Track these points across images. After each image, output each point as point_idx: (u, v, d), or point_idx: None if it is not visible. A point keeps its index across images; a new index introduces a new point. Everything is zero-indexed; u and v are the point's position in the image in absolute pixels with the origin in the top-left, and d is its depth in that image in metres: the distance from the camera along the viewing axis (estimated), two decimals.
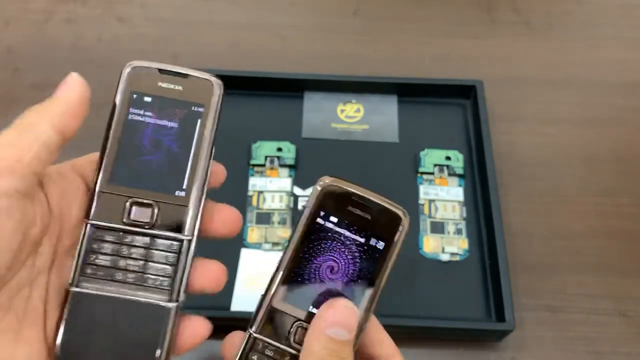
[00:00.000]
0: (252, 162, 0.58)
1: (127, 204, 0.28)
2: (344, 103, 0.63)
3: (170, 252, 0.29)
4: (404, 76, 0.64)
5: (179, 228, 0.29)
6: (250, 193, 0.56)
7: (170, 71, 0.30)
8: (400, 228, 0.30)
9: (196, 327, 0.30)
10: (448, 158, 0.59)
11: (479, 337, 0.50)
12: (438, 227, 0.55)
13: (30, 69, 0.66)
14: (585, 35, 0.71)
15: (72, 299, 0.28)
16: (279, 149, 0.58)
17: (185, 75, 0.30)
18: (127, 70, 0.30)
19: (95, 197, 0.29)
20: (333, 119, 0.62)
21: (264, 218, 0.55)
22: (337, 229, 0.29)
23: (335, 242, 0.29)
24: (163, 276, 0.28)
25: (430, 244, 0.54)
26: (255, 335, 0.28)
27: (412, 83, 0.62)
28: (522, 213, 0.57)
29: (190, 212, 0.29)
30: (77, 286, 0.28)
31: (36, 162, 0.26)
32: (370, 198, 0.29)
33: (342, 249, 0.29)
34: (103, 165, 0.29)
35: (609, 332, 0.51)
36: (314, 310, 0.28)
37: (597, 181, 0.60)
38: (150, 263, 0.28)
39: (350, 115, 0.62)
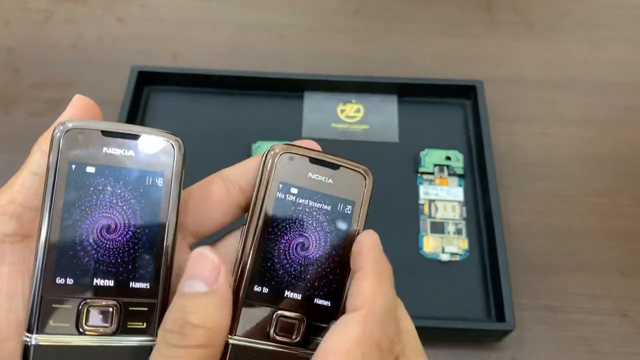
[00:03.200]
0: None
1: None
2: (344, 103, 0.63)
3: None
4: (404, 76, 0.64)
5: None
6: None
7: (117, 133, 0.25)
8: (365, 187, 0.27)
9: None
10: (448, 158, 0.59)
11: (479, 337, 0.50)
12: (438, 227, 0.55)
13: (30, 69, 0.66)
14: (585, 35, 0.71)
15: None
16: None
17: (136, 137, 0.25)
18: (62, 134, 0.24)
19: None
20: (333, 119, 0.62)
21: None
22: (301, 201, 0.26)
23: (301, 215, 0.26)
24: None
25: (430, 244, 0.54)
26: (233, 341, 0.25)
27: (412, 83, 0.62)
28: (522, 213, 0.57)
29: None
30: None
31: (33, 196, 0.25)
32: (330, 161, 0.27)
33: (310, 221, 0.26)
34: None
35: (609, 332, 0.51)
36: (292, 295, 0.26)
37: (597, 181, 0.60)
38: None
39: (350, 115, 0.62)
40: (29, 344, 0.23)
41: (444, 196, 0.57)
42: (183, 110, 0.62)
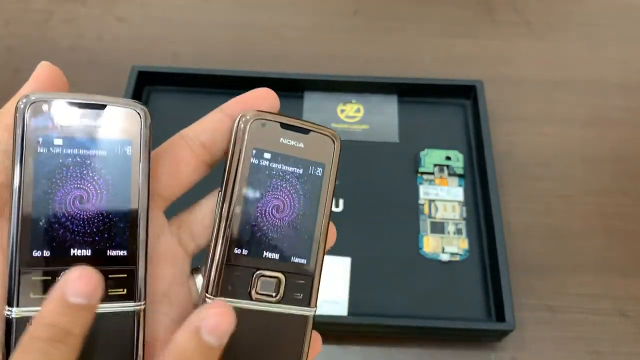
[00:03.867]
0: None
1: None
2: (344, 103, 0.63)
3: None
4: (404, 76, 0.64)
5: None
6: None
7: (83, 104, 0.25)
8: (334, 150, 0.28)
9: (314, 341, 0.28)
10: (448, 158, 0.59)
11: (479, 337, 0.50)
12: (438, 227, 0.55)
13: (30, 69, 0.65)
14: (585, 35, 0.71)
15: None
16: None
17: (102, 107, 0.25)
18: (27, 107, 0.24)
19: None
20: (333, 119, 0.62)
21: None
22: (274, 165, 0.27)
23: (274, 180, 0.27)
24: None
25: (430, 244, 0.54)
26: (213, 299, 0.26)
27: (412, 83, 0.62)
28: (522, 213, 0.57)
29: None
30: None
31: (1, 173, 0.24)
32: (301, 125, 0.28)
33: (283, 185, 0.27)
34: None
35: (609, 332, 0.51)
36: (271, 256, 0.27)
37: (597, 181, 0.60)
38: None
39: (350, 115, 0.62)
40: (11, 317, 0.24)
41: (444, 196, 0.57)
42: (183, 110, 0.62)
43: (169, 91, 0.63)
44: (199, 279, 0.27)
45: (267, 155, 0.27)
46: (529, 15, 0.73)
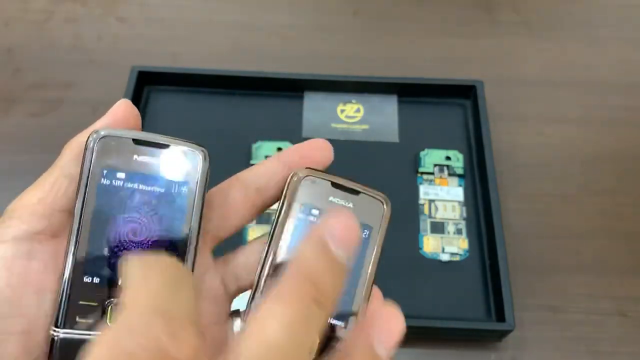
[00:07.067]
0: (252, 162, 0.58)
1: None
2: (344, 103, 0.63)
3: None
4: (404, 76, 0.64)
5: None
6: None
7: (148, 142, 0.27)
8: (384, 214, 0.28)
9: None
10: (448, 158, 0.59)
11: (479, 337, 0.50)
12: (438, 227, 0.55)
13: (30, 69, 0.66)
14: (585, 35, 0.71)
15: None
16: (279, 149, 0.58)
17: (165, 146, 0.27)
18: (96, 142, 0.26)
19: None
20: (333, 119, 0.62)
21: (266, 219, 0.55)
22: None
23: None
24: None
25: (430, 244, 0.54)
26: None
27: (412, 83, 0.62)
28: (522, 213, 0.57)
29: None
30: None
31: (61, 198, 0.26)
32: (351, 187, 0.28)
33: None
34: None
35: (609, 332, 0.51)
36: None
37: (597, 181, 0.60)
38: None
39: (350, 115, 0.62)
40: (56, 337, 0.25)
41: (444, 196, 0.57)
42: (183, 110, 0.62)
43: (169, 91, 0.63)
44: (237, 322, 0.28)
45: (315, 212, 0.28)
46: (529, 15, 0.73)
